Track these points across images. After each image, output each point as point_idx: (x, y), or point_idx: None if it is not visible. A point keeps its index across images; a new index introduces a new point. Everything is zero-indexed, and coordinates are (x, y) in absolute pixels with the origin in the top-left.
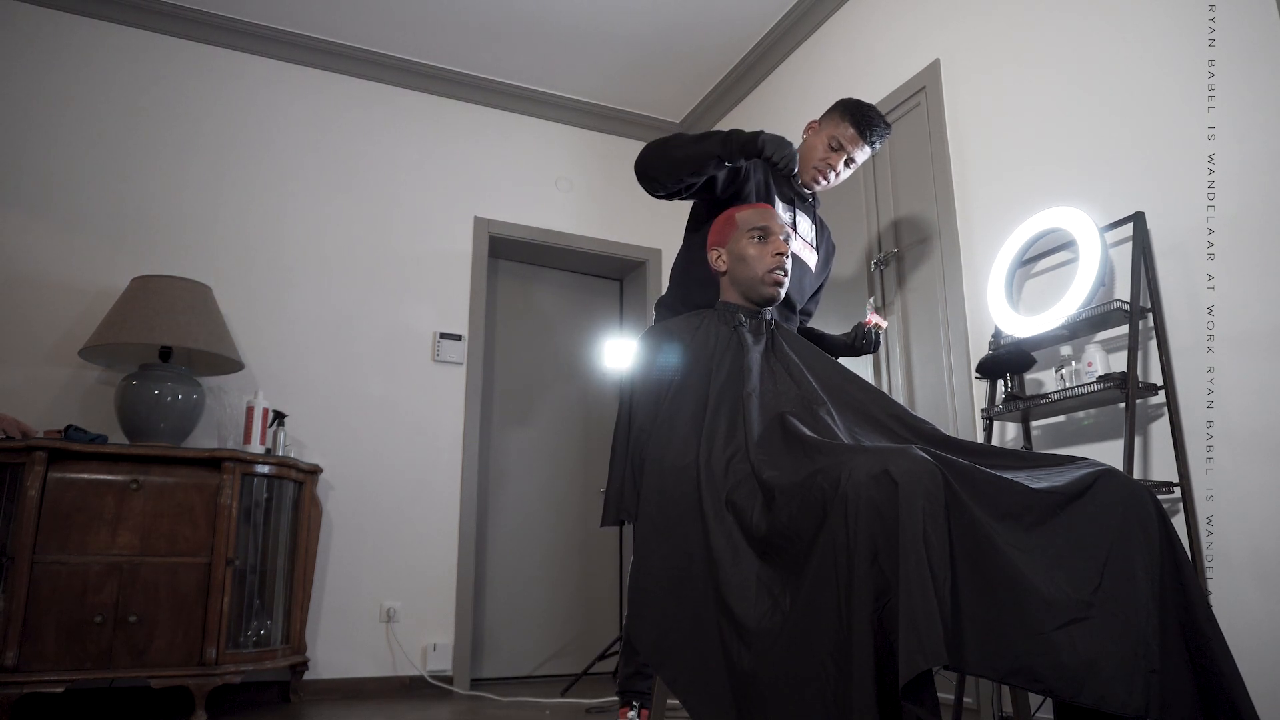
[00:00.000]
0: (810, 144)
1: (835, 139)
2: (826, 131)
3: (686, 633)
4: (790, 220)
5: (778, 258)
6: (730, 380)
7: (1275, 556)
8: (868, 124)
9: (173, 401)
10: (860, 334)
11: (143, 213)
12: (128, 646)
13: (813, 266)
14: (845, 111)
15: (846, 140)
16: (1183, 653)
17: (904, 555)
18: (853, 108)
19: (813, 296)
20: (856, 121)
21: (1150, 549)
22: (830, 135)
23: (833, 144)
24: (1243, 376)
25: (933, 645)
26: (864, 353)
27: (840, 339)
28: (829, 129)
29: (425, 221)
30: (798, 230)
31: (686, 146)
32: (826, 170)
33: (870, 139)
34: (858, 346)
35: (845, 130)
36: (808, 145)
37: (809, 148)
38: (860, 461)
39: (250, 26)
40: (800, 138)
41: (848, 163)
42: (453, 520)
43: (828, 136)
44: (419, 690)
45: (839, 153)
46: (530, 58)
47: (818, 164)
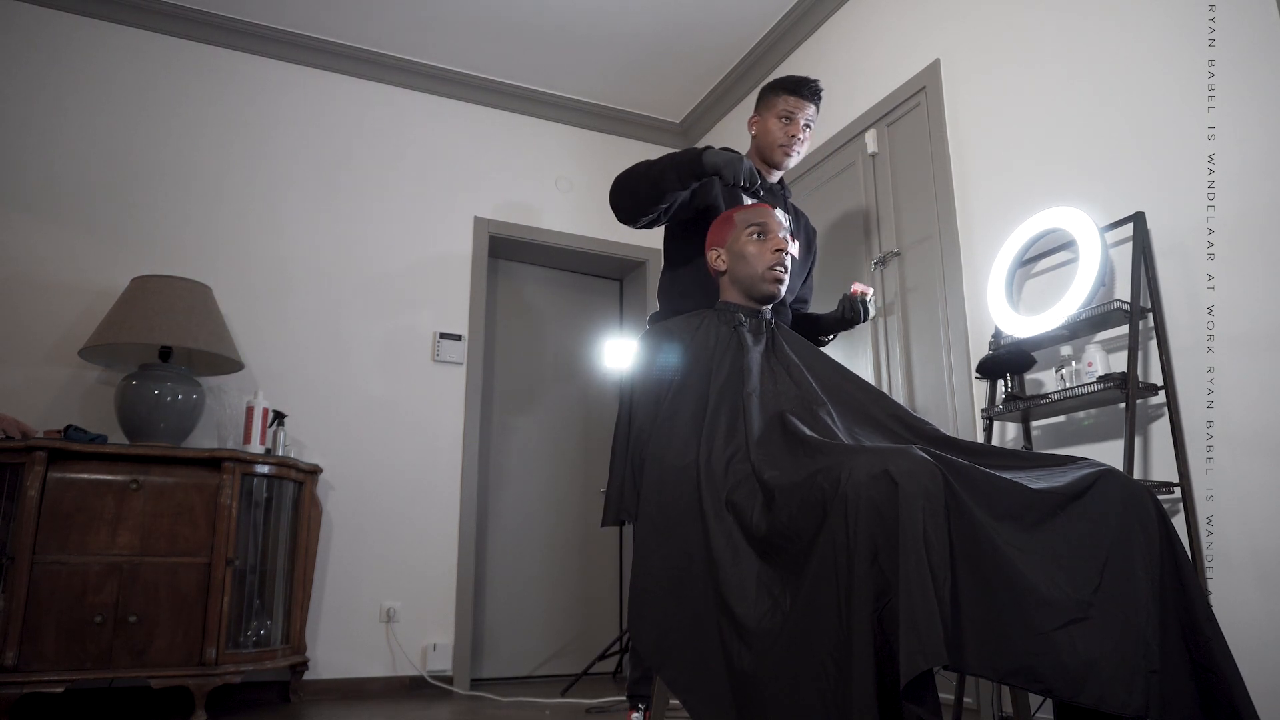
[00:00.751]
0: (763, 131)
1: (783, 113)
2: (771, 113)
3: (687, 633)
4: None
5: (777, 254)
6: (730, 380)
7: (1275, 556)
8: (799, 84)
9: (173, 401)
10: (848, 306)
11: (143, 213)
12: (128, 646)
13: (797, 255)
14: (775, 88)
15: (792, 107)
16: (1183, 653)
17: (904, 555)
18: (780, 81)
19: (804, 283)
20: (790, 88)
21: (1150, 549)
22: (777, 112)
23: (784, 116)
24: (1243, 376)
25: (933, 645)
26: (856, 323)
27: (830, 316)
28: (771, 111)
29: (425, 221)
30: None
31: (645, 177)
32: (791, 143)
33: (810, 95)
34: (848, 318)
35: (786, 100)
36: (762, 134)
37: (765, 134)
38: (860, 461)
39: (250, 26)
40: (751, 138)
41: (805, 127)
42: (453, 520)
43: (776, 114)
44: (419, 690)
45: (794, 122)
46: (530, 58)
47: (782, 142)
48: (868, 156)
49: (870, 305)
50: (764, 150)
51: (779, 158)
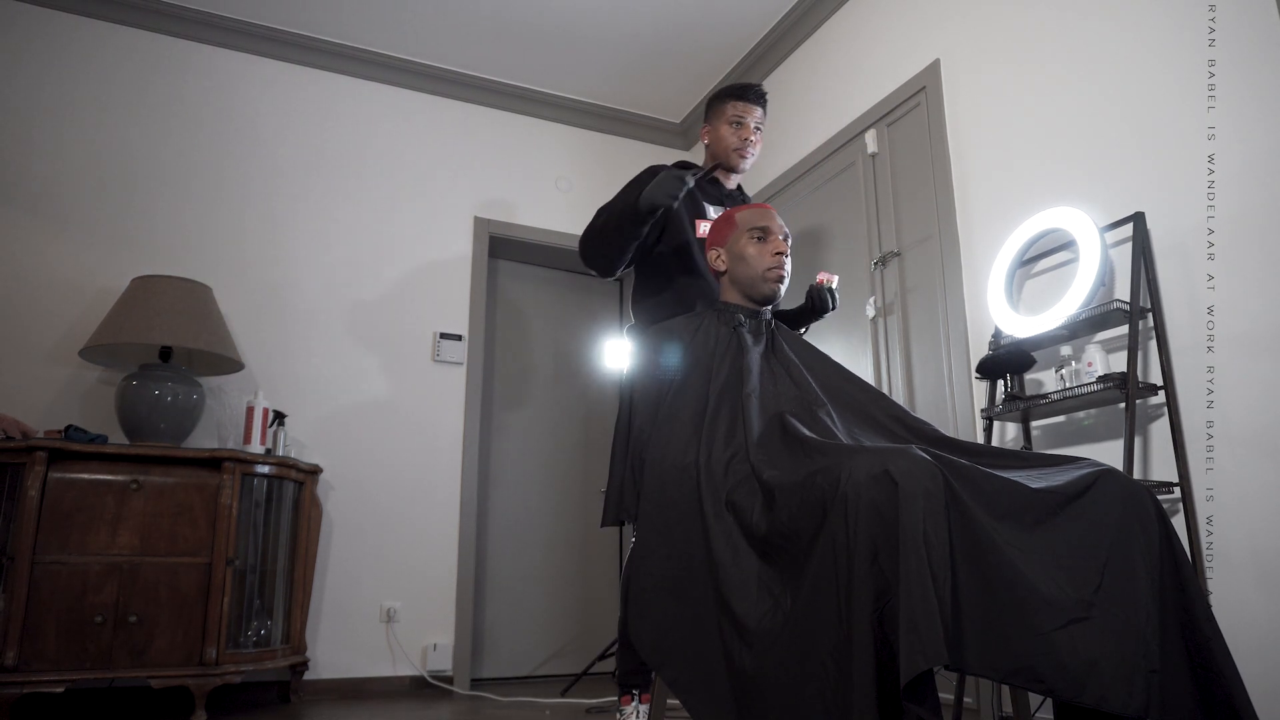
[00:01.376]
0: (716, 139)
1: (733, 118)
2: (721, 120)
3: (687, 633)
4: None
5: (777, 256)
6: (730, 381)
7: (1275, 556)
8: (744, 89)
9: (173, 401)
10: (815, 296)
11: (143, 213)
12: (128, 646)
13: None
14: (721, 96)
15: (741, 112)
16: (1183, 653)
17: (904, 555)
18: (725, 89)
19: None
20: (736, 94)
21: (1150, 549)
22: (727, 119)
23: (734, 122)
24: (1243, 376)
25: (933, 645)
26: (824, 313)
27: (799, 308)
28: (721, 118)
29: (425, 221)
30: None
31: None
32: (744, 146)
33: (755, 99)
34: (817, 309)
35: (733, 106)
36: (715, 142)
37: (718, 141)
38: (860, 461)
39: (251, 26)
40: (705, 148)
41: (756, 129)
42: (453, 520)
43: (725, 121)
44: (419, 690)
45: (744, 125)
46: (530, 58)
47: (736, 146)
48: (868, 156)
49: (837, 293)
50: (719, 156)
51: (735, 161)
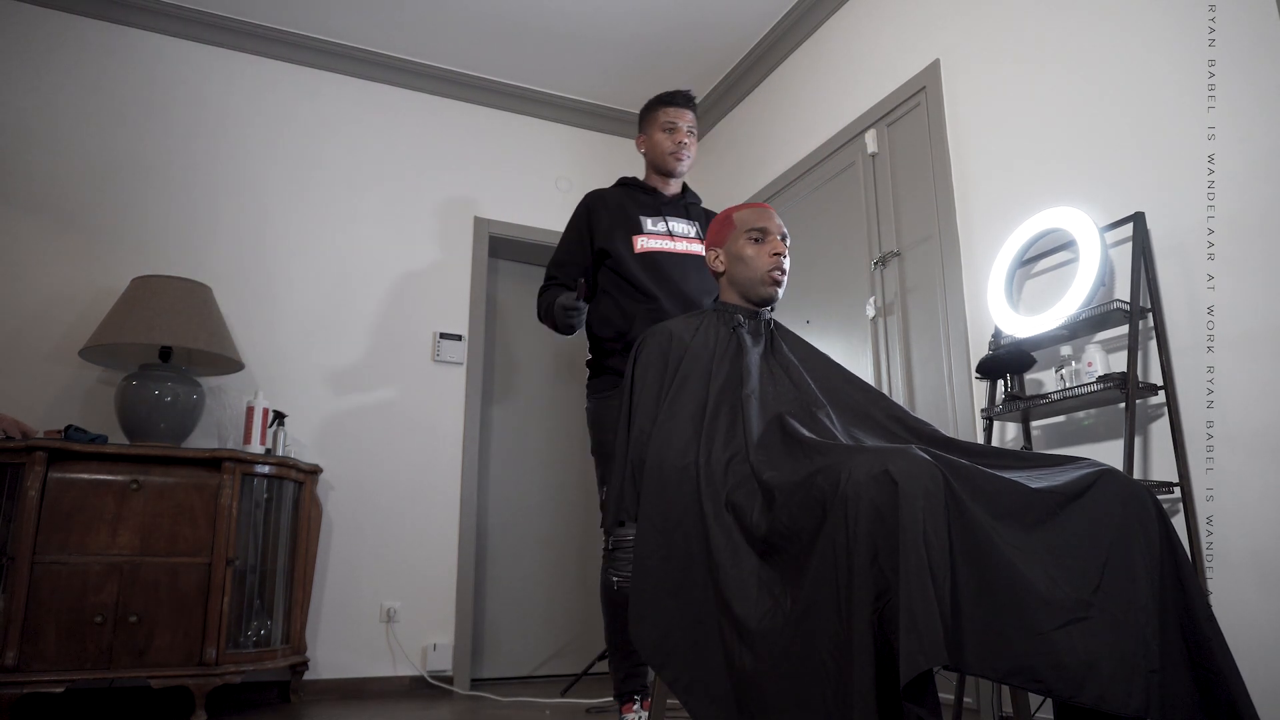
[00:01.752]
0: (651, 146)
1: (665, 124)
2: (654, 127)
3: (688, 634)
4: (665, 229)
5: (776, 258)
6: (730, 381)
7: (1275, 556)
8: (672, 95)
9: (173, 401)
10: None
11: (143, 213)
12: (128, 646)
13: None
14: (652, 105)
15: (673, 118)
16: (1183, 652)
17: (904, 555)
18: (655, 98)
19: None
20: (665, 101)
21: (1150, 549)
22: (659, 125)
23: (666, 127)
24: (1243, 376)
25: (933, 645)
26: None
27: None
28: (654, 125)
29: (425, 221)
30: (674, 233)
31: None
32: (679, 149)
33: (684, 103)
34: None
35: (665, 112)
36: (651, 149)
37: (653, 148)
38: (860, 461)
39: (251, 27)
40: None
41: (689, 133)
42: (453, 520)
43: (658, 127)
44: (419, 690)
45: (676, 129)
46: (530, 58)
47: (671, 150)
48: (868, 156)
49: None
50: (656, 162)
51: (671, 165)
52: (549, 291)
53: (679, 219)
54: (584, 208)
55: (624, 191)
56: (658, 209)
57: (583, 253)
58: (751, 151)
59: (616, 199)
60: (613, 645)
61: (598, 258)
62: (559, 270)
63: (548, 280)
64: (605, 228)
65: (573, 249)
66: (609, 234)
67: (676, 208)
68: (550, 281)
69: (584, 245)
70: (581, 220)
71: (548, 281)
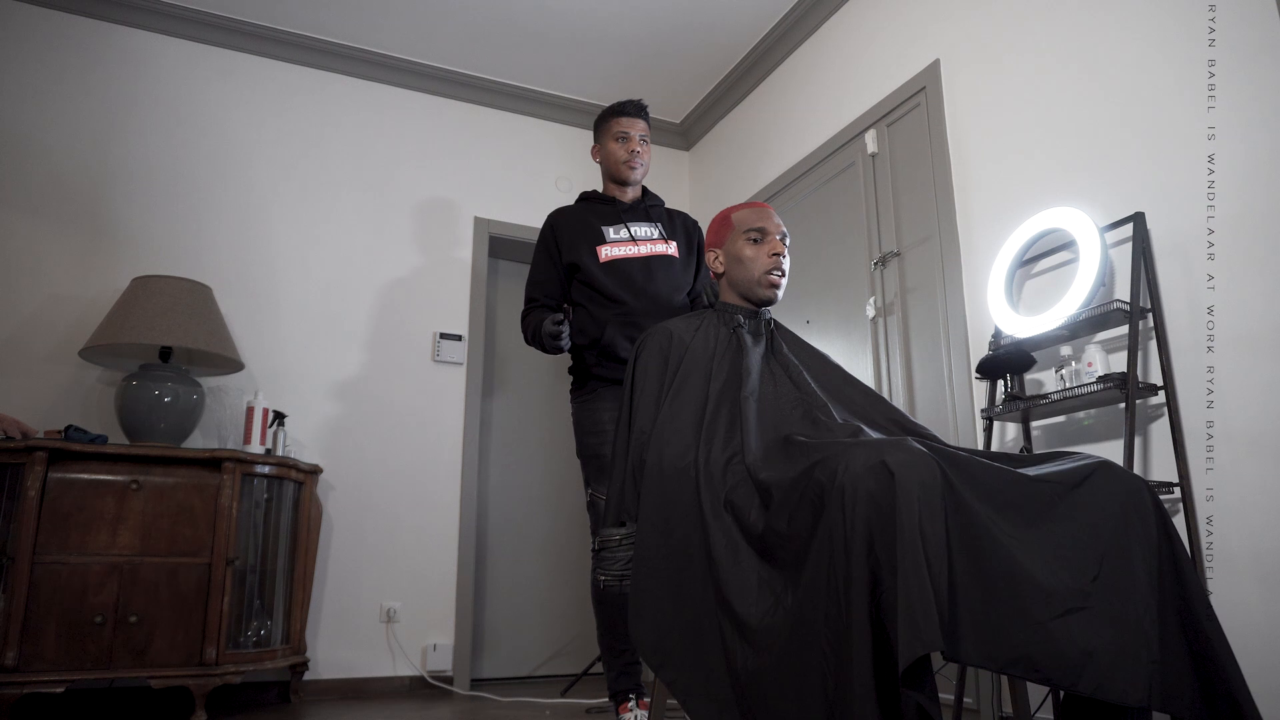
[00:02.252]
0: (606, 155)
1: (618, 133)
2: (607, 137)
3: (688, 634)
4: (627, 235)
5: (774, 258)
6: (730, 382)
7: (1275, 556)
8: (623, 105)
9: (173, 401)
10: None
11: (143, 213)
12: (128, 646)
13: (677, 255)
14: (605, 116)
15: (625, 127)
16: (1182, 643)
17: (901, 545)
18: (608, 109)
19: (696, 278)
20: (617, 112)
21: (1148, 540)
22: (612, 135)
23: (619, 137)
24: (1243, 376)
25: (929, 632)
26: None
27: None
28: (608, 135)
29: (425, 221)
30: (637, 237)
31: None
32: (632, 158)
33: (636, 112)
34: None
35: (617, 122)
36: (605, 158)
37: (608, 157)
38: (857, 453)
39: (250, 27)
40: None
41: (642, 141)
42: (453, 520)
43: (612, 138)
44: (419, 690)
45: (629, 138)
46: (530, 58)
47: (624, 159)
48: (868, 157)
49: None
50: (612, 171)
51: (625, 173)
52: (532, 315)
53: (640, 223)
54: (548, 228)
55: (585, 206)
56: (618, 217)
57: (554, 270)
58: (751, 152)
59: (578, 214)
60: (604, 645)
61: (568, 272)
62: (537, 290)
63: (529, 303)
64: (570, 242)
65: (544, 268)
66: (574, 248)
67: (636, 212)
68: (531, 305)
69: (554, 262)
70: (548, 239)
71: (529, 305)
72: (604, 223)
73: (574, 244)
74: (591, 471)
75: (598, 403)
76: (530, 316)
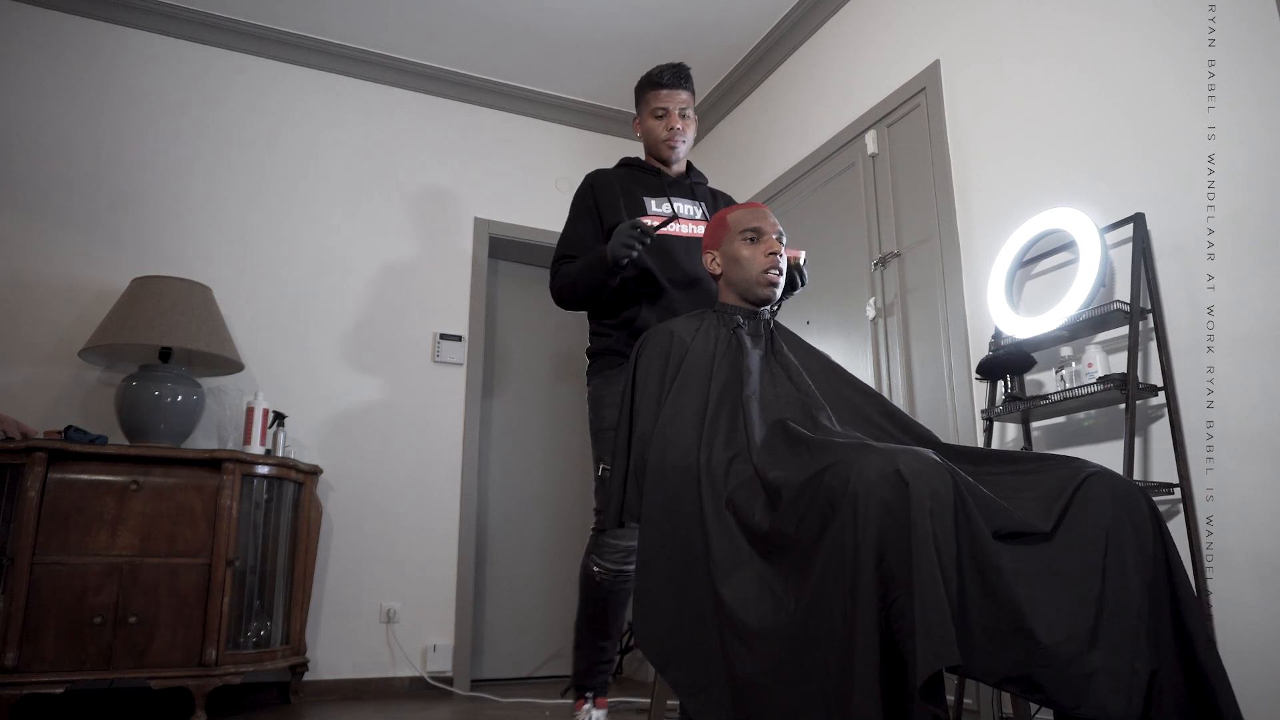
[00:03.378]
0: (646, 132)
1: (655, 109)
2: (644, 113)
3: (690, 635)
4: (670, 211)
5: (771, 258)
6: (730, 382)
7: (1275, 557)
8: (660, 75)
9: (173, 402)
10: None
11: (143, 213)
12: (128, 647)
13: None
14: (642, 86)
15: (662, 101)
16: (1174, 651)
17: (916, 555)
18: (643, 80)
19: None
20: (655, 82)
21: (1143, 548)
22: (649, 110)
23: (657, 113)
24: (1243, 377)
25: (946, 645)
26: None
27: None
28: (645, 109)
29: (425, 221)
30: (680, 214)
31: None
32: (673, 137)
33: (674, 82)
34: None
35: (655, 96)
36: (646, 135)
37: (647, 135)
38: (871, 460)
39: (251, 27)
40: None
41: (681, 116)
42: (453, 520)
43: (649, 113)
44: (419, 691)
45: (669, 114)
46: (530, 58)
47: (664, 138)
48: (868, 157)
49: (806, 270)
50: (652, 149)
51: (665, 152)
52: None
53: (684, 199)
54: (588, 186)
55: (627, 172)
56: (662, 190)
57: (594, 231)
58: (751, 152)
59: (620, 179)
60: (581, 635)
61: (606, 237)
62: (572, 249)
63: (561, 261)
64: (610, 206)
65: (582, 228)
66: (615, 213)
67: (681, 188)
68: (564, 261)
69: (595, 223)
70: (587, 198)
71: (559, 265)
72: (647, 193)
73: (615, 209)
74: (605, 447)
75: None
76: (561, 268)
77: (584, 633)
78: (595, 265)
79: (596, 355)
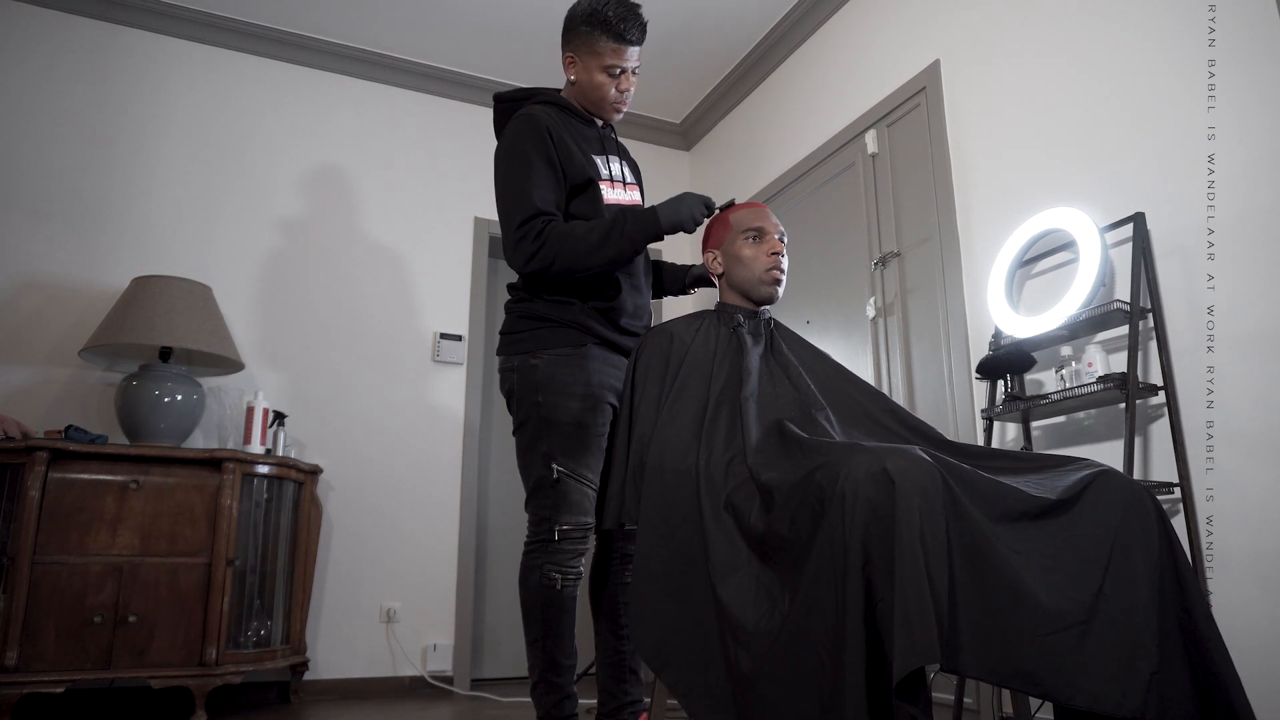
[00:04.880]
0: (589, 83)
1: (610, 65)
2: (592, 62)
3: (688, 636)
4: (615, 171)
5: (774, 257)
6: (730, 383)
7: (1275, 557)
8: (623, 27)
9: (173, 402)
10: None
11: (143, 213)
12: (128, 646)
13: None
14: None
15: (621, 58)
16: (1182, 654)
17: (899, 554)
18: (597, 20)
19: None
20: (617, 34)
21: (1150, 549)
22: (601, 64)
23: (612, 70)
24: (1243, 377)
25: (926, 644)
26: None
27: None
28: (593, 59)
29: (425, 221)
30: (618, 178)
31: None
32: (623, 99)
33: (637, 39)
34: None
35: (612, 50)
36: (587, 84)
37: (592, 88)
38: (859, 460)
39: (250, 27)
40: (567, 80)
41: (635, 74)
42: (453, 520)
43: (599, 66)
44: (419, 691)
45: (624, 75)
46: (531, 58)
47: (614, 100)
48: (868, 157)
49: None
50: (592, 104)
51: (609, 114)
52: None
53: (621, 160)
54: (543, 131)
55: (561, 117)
56: (602, 147)
57: (558, 182)
58: (751, 152)
59: (564, 126)
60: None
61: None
62: (545, 201)
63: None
64: (575, 165)
65: (546, 177)
66: (580, 170)
67: (611, 144)
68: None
69: (555, 170)
70: (546, 145)
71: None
72: (591, 149)
73: (577, 166)
74: (560, 443)
75: (587, 362)
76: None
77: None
78: (634, 231)
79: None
